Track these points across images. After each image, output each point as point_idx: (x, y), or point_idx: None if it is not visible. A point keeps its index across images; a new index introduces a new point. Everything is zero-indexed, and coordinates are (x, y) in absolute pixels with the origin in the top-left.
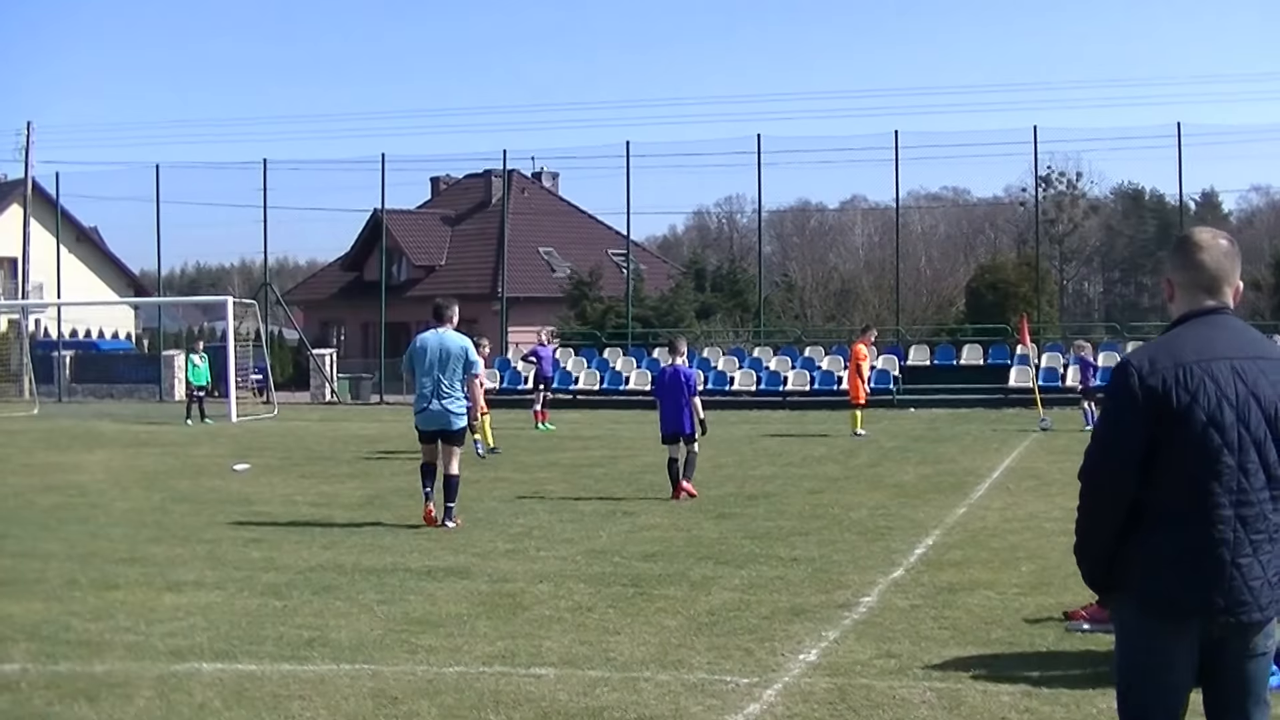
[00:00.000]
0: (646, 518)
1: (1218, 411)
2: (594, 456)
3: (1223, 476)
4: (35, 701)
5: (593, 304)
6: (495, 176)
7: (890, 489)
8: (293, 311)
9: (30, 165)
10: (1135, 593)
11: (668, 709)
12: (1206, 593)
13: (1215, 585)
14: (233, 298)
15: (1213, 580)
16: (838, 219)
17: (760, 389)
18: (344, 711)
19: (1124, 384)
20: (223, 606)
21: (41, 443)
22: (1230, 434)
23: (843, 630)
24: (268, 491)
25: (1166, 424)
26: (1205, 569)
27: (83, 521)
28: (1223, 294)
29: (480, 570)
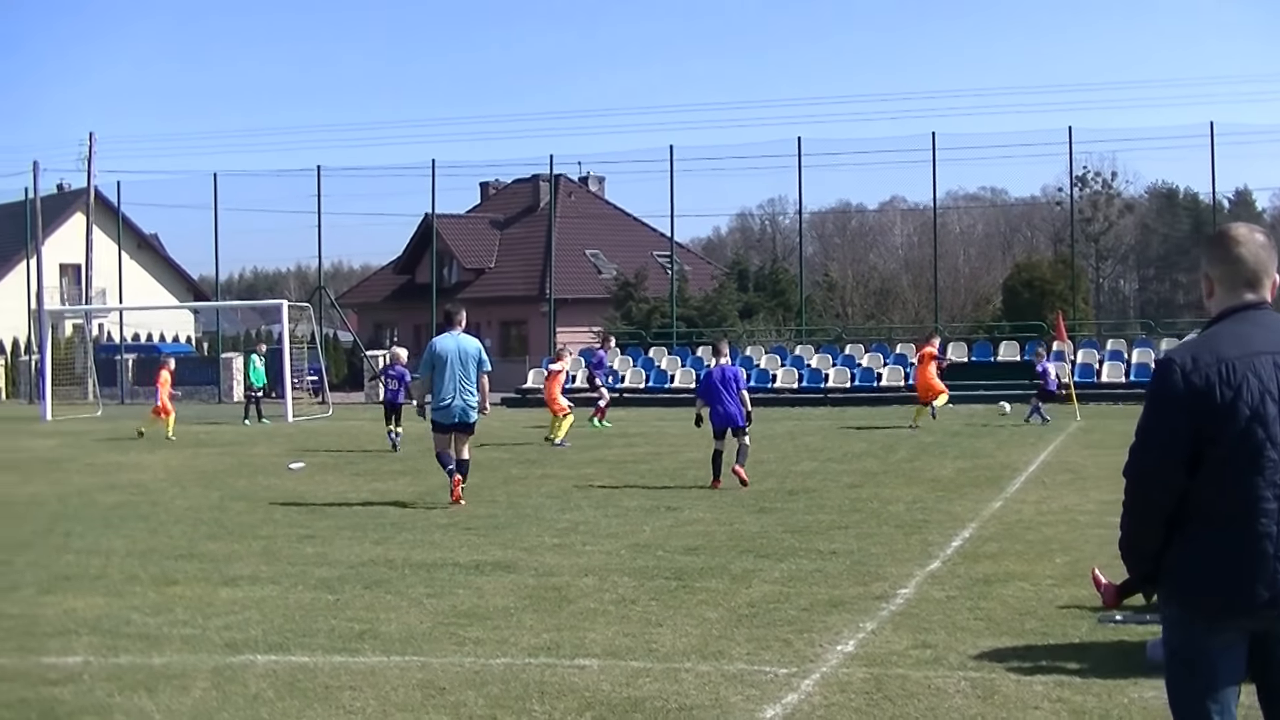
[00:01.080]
0: (689, 512)
1: (1261, 406)
2: (639, 453)
3: (1266, 471)
4: (97, 693)
5: (638, 305)
6: (543, 181)
7: (928, 483)
8: (346, 314)
9: (92, 175)
10: (1179, 589)
11: (708, 699)
12: (1251, 588)
13: (1260, 580)
14: (289, 301)
15: (1257, 575)
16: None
17: (802, 386)
18: (394, 702)
19: (1168, 381)
20: (277, 601)
21: (104, 443)
22: (1274, 428)
23: (880, 621)
24: (321, 489)
25: (1210, 420)
26: (1250, 564)
27: (143, 519)
28: (1262, 288)
29: (527, 564)
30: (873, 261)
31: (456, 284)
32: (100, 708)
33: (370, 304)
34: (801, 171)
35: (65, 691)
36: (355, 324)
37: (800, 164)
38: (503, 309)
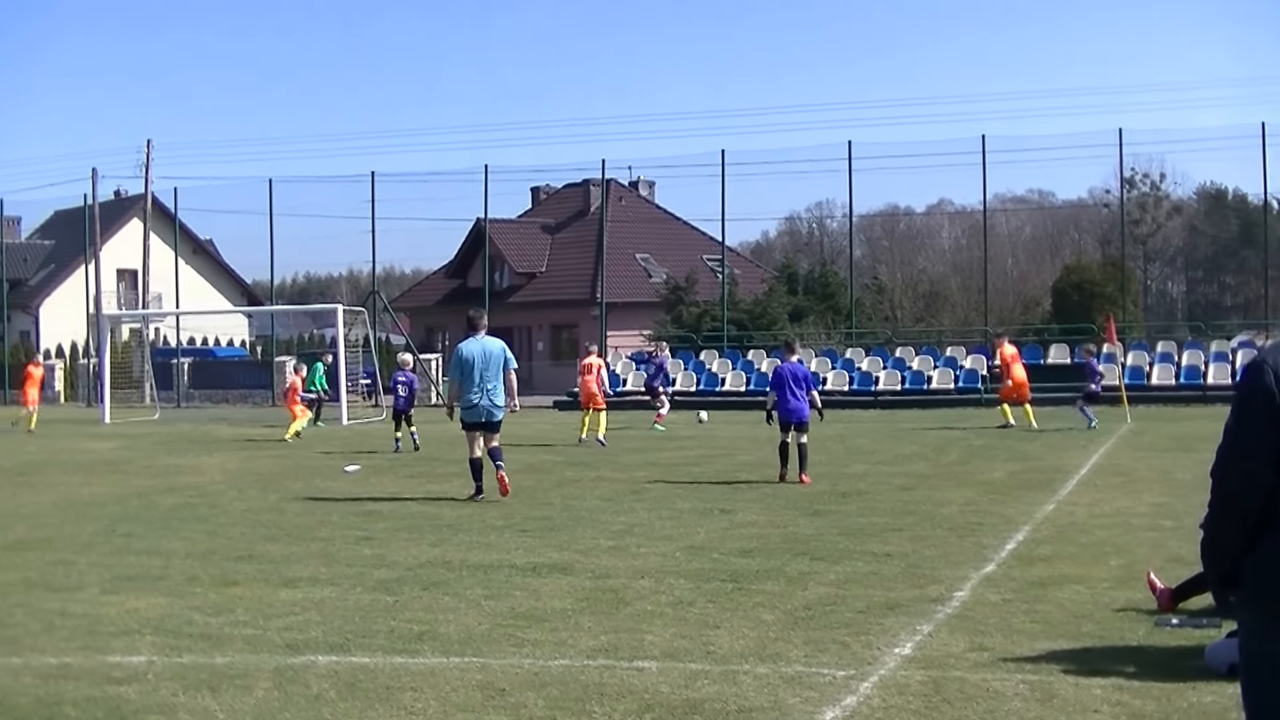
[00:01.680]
0: (743, 515)
1: None
2: (691, 456)
3: None
4: (161, 691)
5: (689, 308)
6: (593, 185)
7: (979, 486)
8: (399, 318)
9: (150, 181)
10: (1261, 591)
11: (766, 701)
12: None
13: None
14: (342, 305)
15: None
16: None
17: (852, 389)
18: (453, 702)
19: (1257, 382)
20: (336, 602)
21: (162, 446)
22: None
23: (936, 624)
24: (377, 491)
25: None
26: None
27: (202, 521)
28: None
29: (583, 566)
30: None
31: (508, 288)
32: (165, 707)
33: (423, 308)
34: (851, 175)
35: (130, 690)
36: (408, 327)
37: (850, 167)
38: (554, 313)
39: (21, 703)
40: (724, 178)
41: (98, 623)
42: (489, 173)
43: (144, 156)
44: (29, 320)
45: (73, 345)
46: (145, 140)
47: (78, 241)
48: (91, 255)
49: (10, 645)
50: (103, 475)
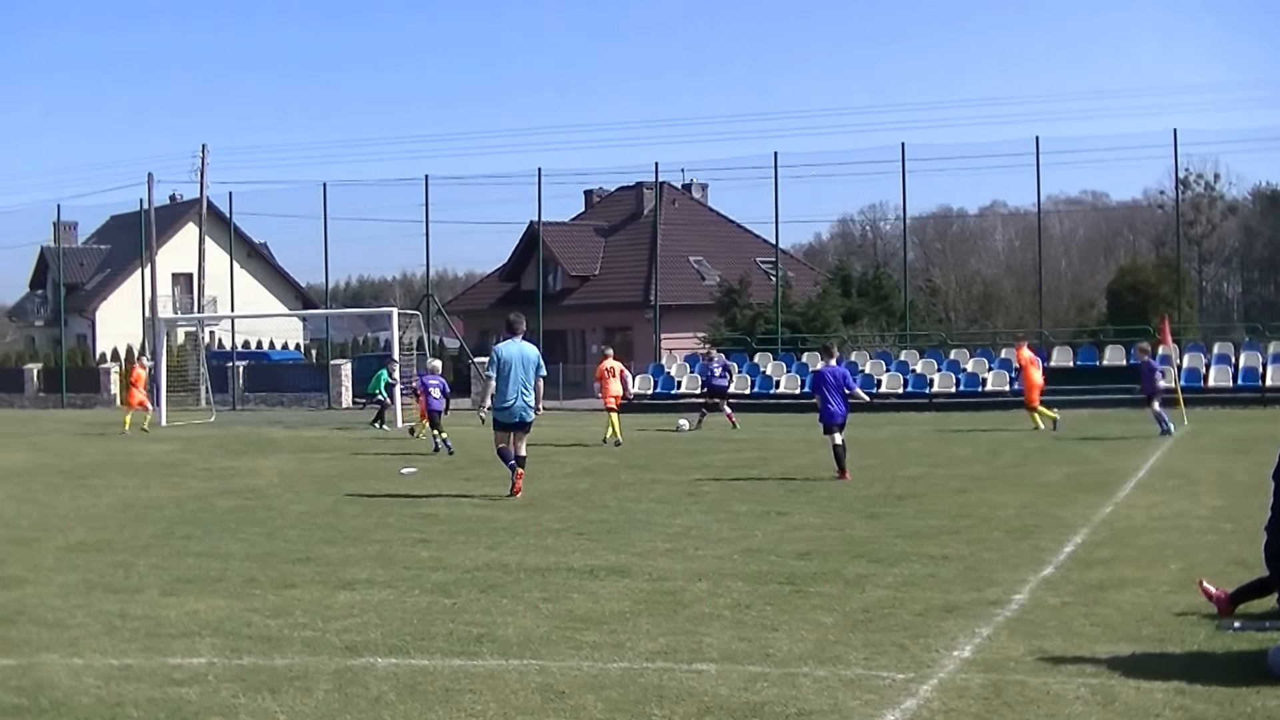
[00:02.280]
0: (799, 517)
1: None
2: (746, 459)
3: None
4: (222, 693)
5: (742, 311)
6: (646, 188)
7: (1036, 488)
8: (453, 321)
9: (205, 185)
10: None
11: (826, 704)
12: None
13: None
14: (396, 309)
15: None
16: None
17: (906, 391)
18: (513, 705)
19: None
20: (394, 604)
21: (218, 449)
22: None
23: (995, 627)
24: (434, 494)
25: None
26: None
27: (259, 523)
28: None
29: (641, 569)
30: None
31: (561, 291)
32: (226, 708)
33: (476, 310)
34: (905, 177)
35: (191, 692)
36: (462, 331)
37: (904, 169)
38: (607, 315)
39: (84, 703)
40: (777, 180)
41: (158, 624)
42: (542, 175)
43: (199, 161)
44: (86, 324)
45: (129, 349)
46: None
47: (134, 246)
48: (147, 259)
49: (72, 646)
50: (160, 478)
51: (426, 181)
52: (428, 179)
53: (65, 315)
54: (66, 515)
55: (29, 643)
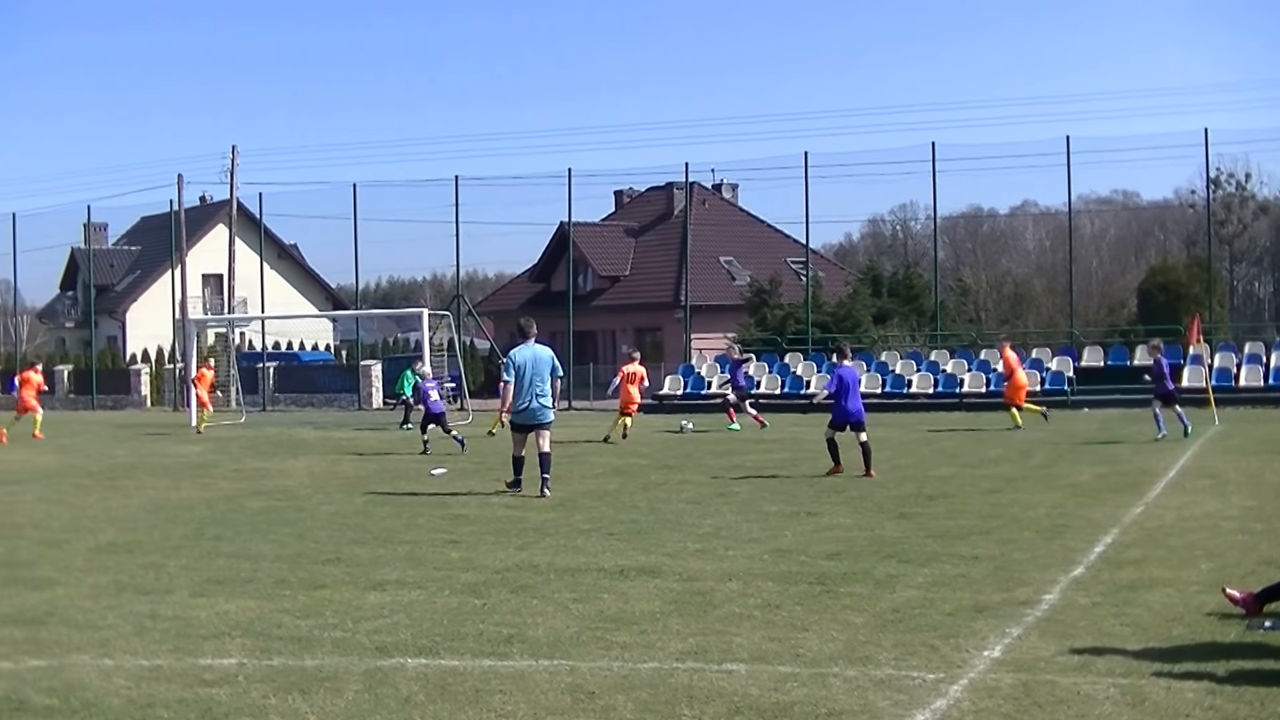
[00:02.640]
0: (829, 518)
1: None
2: (776, 459)
3: None
4: (252, 694)
5: (773, 311)
6: (677, 188)
7: (1066, 488)
8: (483, 322)
9: (235, 187)
10: None
11: (856, 704)
12: None
13: None
14: (427, 309)
15: None
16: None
17: (937, 391)
18: (543, 705)
19: None
20: (424, 604)
21: (249, 450)
22: None
23: (1025, 627)
24: (463, 495)
25: None
26: None
27: (290, 524)
28: None
29: (671, 569)
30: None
31: (591, 291)
32: (256, 709)
33: (506, 311)
34: (935, 177)
35: (222, 692)
36: (492, 331)
37: (934, 169)
38: (638, 316)
39: (114, 704)
40: (807, 180)
41: (188, 625)
42: (572, 176)
43: (229, 162)
44: (116, 326)
45: (159, 350)
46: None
47: (164, 247)
48: (177, 261)
49: (102, 647)
50: (191, 479)
51: (457, 182)
52: (458, 180)
53: (95, 317)
54: (97, 516)
55: (60, 644)
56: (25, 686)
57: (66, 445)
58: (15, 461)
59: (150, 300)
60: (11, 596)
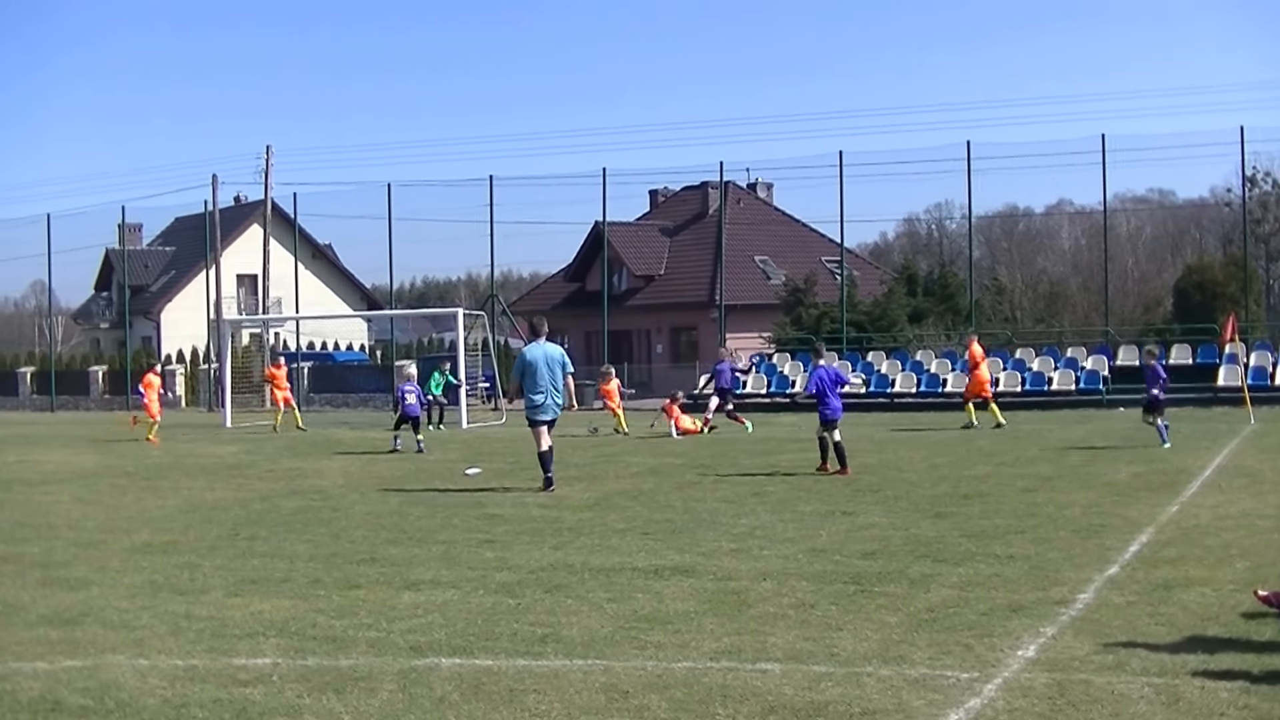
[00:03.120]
0: (864, 517)
1: None
2: (812, 459)
3: None
4: (287, 693)
5: (808, 310)
6: (711, 188)
7: (1102, 487)
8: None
9: (269, 187)
10: None
11: (890, 703)
12: None
13: None
14: (462, 309)
15: None
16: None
17: None
18: (577, 705)
19: None
20: (459, 604)
21: (284, 450)
22: None
23: (1060, 626)
24: (498, 494)
25: None
26: None
27: (324, 524)
28: None
29: (705, 569)
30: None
31: (626, 291)
32: (291, 708)
33: (541, 311)
34: (971, 176)
35: (256, 692)
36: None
37: (970, 168)
38: (673, 315)
39: (149, 704)
40: (842, 179)
41: (223, 625)
42: (607, 176)
43: (263, 162)
44: (150, 326)
45: (193, 350)
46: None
47: (198, 247)
48: (212, 261)
49: (138, 647)
50: (226, 479)
51: (491, 182)
52: (492, 179)
53: (130, 317)
54: (132, 517)
55: (95, 644)
56: (61, 686)
57: (102, 445)
58: (52, 462)
59: (185, 301)
60: (48, 597)
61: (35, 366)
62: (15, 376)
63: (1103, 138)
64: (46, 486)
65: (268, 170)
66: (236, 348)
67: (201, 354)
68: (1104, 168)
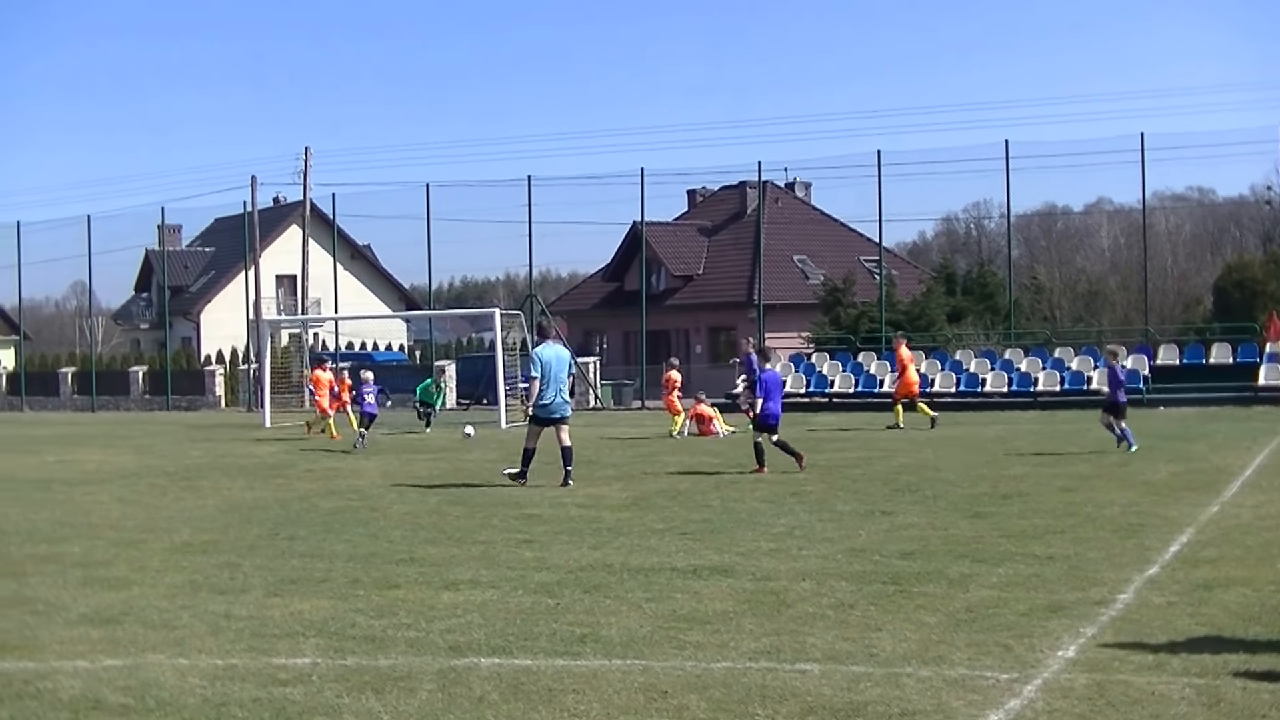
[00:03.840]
0: (903, 517)
1: None
2: (850, 458)
3: None
4: (326, 693)
5: (846, 309)
6: (750, 187)
7: (1142, 487)
8: (557, 322)
9: (308, 188)
10: None
11: (929, 704)
12: None
13: None
14: (500, 309)
15: None
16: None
17: (1011, 390)
18: (616, 705)
19: None
20: (498, 604)
21: (322, 450)
22: None
23: (1100, 627)
24: (537, 494)
25: None
26: None
27: (363, 524)
28: None
29: (744, 569)
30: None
31: (665, 290)
32: (330, 708)
33: (580, 311)
34: (1009, 174)
35: (296, 692)
36: (565, 331)
37: (1008, 167)
38: (711, 315)
39: (189, 703)
40: (880, 178)
41: (263, 625)
42: (645, 176)
43: (302, 163)
44: (190, 327)
45: (233, 351)
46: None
47: (238, 248)
48: (251, 261)
49: (178, 646)
50: (265, 479)
51: (529, 182)
52: (530, 179)
53: (170, 318)
54: (172, 516)
55: (135, 643)
56: (101, 685)
57: (142, 446)
58: (93, 462)
59: (224, 301)
60: (88, 596)
61: (76, 367)
62: (56, 377)
63: (1141, 136)
64: (87, 486)
65: (306, 171)
66: (276, 348)
67: (241, 354)
68: (1143, 166)
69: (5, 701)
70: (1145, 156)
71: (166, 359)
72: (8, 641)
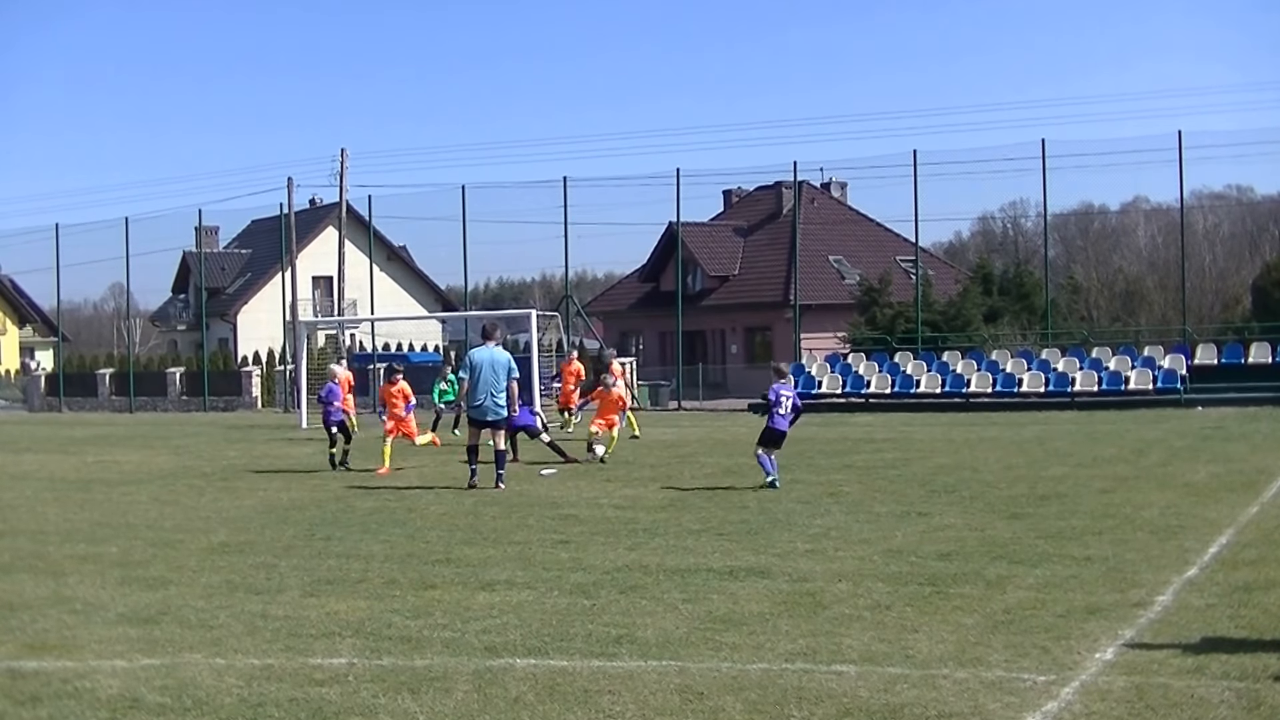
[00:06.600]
0: (940, 518)
1: None
2: (887, 459)
3: None
4: (362, 693)
5: (882, 310)
6: (785, 188)
7: (1181, 488)
8: (593, 322)
9: (344, 189)
10: None
11: (966, 706)
12: None
13: None
14: (536, 310)
15: None
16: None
17: (1048, 390)
18: (652, 706)
19: None
20: (534, 605)
21: (357, 451)
22: None
23: (1138, 629)
24: (573, 495)
25: None
26: None
27: (399, 524)
28: None
29: (780, 570)
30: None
31: (701, 291)
32: (366, 708)
33: (616, 312)
34: (1046, 173)
35: (332, 692)
36: (601, 332)
37: (1044, 166)
38: (747, 315)
39: (226, 703)
40: (916, 178)
41: (299, 625)
42: (681, 176)
43: (338, 165)
44: (227, 328)
45: (270, 352)
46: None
47: (274, 250)
48: (288, 263)
49: (215, 646)
50: (301, 479)
51: (565, 183)
52: (566, 180)
53: (207, 319)
54: (209, 517)
55: (173, 642)
56: (139, 684)
57: (180, 446)
58: (131, 462)
59: (261, 302)
60: (126, 595)
61: (114, 368)
62: (95, 378)
63: (1179, 134)
64: (125, 486)
65: (343, 173)
66: (312, 349)
67: (278, 355)
68: (1180, 164)
69: (45, 700)
70: (1183, 155)
71: (204, 360)
72: (47, 641)
